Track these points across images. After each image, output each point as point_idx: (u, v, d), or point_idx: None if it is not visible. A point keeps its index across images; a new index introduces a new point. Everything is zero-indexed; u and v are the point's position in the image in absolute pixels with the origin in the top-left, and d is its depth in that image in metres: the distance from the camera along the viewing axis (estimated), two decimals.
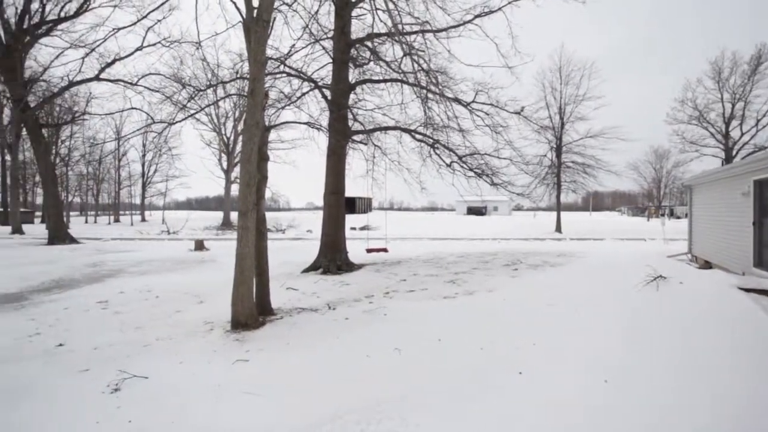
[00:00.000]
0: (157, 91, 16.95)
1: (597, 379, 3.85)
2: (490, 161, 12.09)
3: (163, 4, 10.60)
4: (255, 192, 6.12)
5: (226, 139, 36.52)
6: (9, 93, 21.24)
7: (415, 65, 10.21)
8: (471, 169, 12.04)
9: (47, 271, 11.59)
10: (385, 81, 11.90)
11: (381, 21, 11.26)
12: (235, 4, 7.67)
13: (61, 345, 5.43)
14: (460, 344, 4.96)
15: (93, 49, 18.86)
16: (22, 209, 31.34)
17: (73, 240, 20.34)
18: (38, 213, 42.22)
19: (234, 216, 33.56)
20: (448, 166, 12.11)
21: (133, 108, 17.69)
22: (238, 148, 35.27)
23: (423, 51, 10.63)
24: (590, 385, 3.77)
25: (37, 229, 28.82)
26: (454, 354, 4.67)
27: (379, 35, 11.38)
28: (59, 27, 19.82)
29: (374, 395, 3.70)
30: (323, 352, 4.90)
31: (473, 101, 11.48)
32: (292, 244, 19.71)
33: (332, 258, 11.04)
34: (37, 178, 35.59)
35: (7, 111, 29.92)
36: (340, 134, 11.27)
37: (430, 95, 10.90)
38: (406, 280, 9.44)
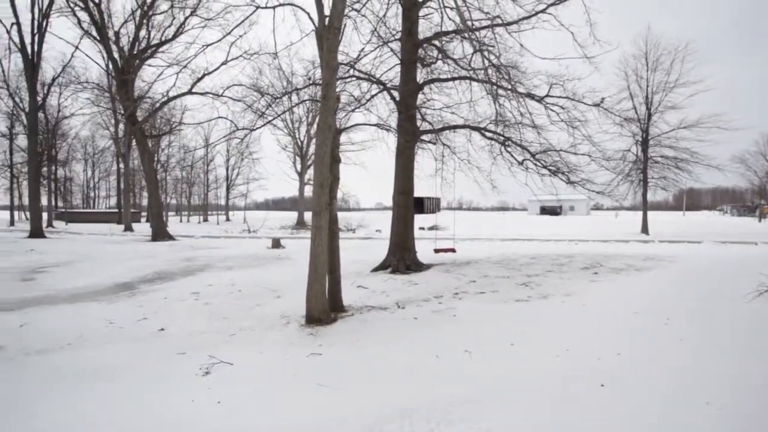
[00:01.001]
0: (240, 101, 18.38)
1: (697, 401, 3.44)
2: (567, 158, 11.38)
3: (244, 20, 11.55)
4: (328, 193, 6.38)
5: (299, 143, 38.55)
6: (123, 110, 24.42)
7: (485, 61, 9.94)
8: (545, 167, 11.43)
9: (150, 264, 13.13)
10: (453, 79, 11.73)
11: (449, 19, 11.14)
12: (308, 14, 8.08)
13: (162, 330, 6.12)
14: (534, 350, 4.75)
15: (185, 66, 21.03)
16: (131, 210, 35.87)
17: (170, 237, 22.80)
18: (143, 213, 47.95)
19: (307, 216, 35.30)
20: (520, 164, 11.61)
21: (219, 117, 19.43)
22: (311, 150, 37.06)
23: (493, 46, 10.32)
24: (688, 409, 3.37)
25: (143, 227, 32.77)
26: (527, 360, 4.48)
27: (446, 33, 11.25)
28: (160, 49, 22.37)
29: (444, 396, 3.68)
30: (393, 349, 4.98)
31: (547, 95, 10.88)
32: (362, 243, 20.22)
33: (401, 257, 11.14)
34: (143, 183, 40.43)
35: (120, 126, 34.39)
36: (409, 134, 11.34)
37: (500, 91, 10.55)
38: (475, 281, 9.24)
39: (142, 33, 21.98)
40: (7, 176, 36.71)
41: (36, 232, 22.80)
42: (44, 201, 33.27)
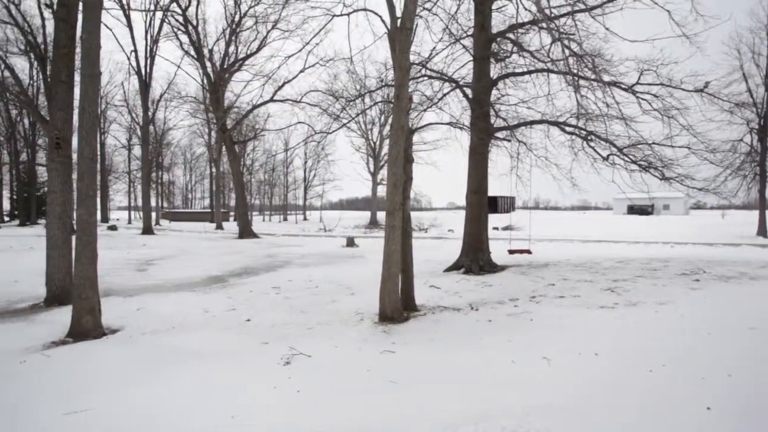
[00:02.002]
0: (316, 106, 19.36)
1: None
2: (661, 151, 10.27)
3: (320, 30, 12.30)
4: (401, 192, 6.47)
5: (372, 144, 39.45)
6: (215, 119, 27.01)
7: (565, 51, 9.34)
8: (634, 162, 10.42)
9: (238, 260, 14.34)
10: (529, 72, 11.19)
11: (525, 9, 10.64)
12: (380, 17, 8.26)
13: (248, 320, 6.66)
14: (621, 362, 4.37)
15: (270, 77, 22.68)
16: (222, 210, 39.52)
17: (255, 235, 24.68)
18: (232, 213, 52.51)
19: (380, 215, 35.99)
20: (605, 159, 10.72)
21: (299, 122, 20.68)
22: (384, 151, 37.70)
23: (573, 34, 9.66)
24: None
25: (231, 226, 35.88)
26: (614, 372, 4.14)
27: (522, 25, 10.77)
28: (246, 62, 24.39)
29: (519, 403, 3.54)
30: (465, 351, 4.90)
31: (637, 83, 9.93)
32: (434, 243, 20.13)
33: (474, 258, 10.91)
34: (231, 185, 44.26)
35: (213, 133, 38.11)
36: (483, 132, 11.05)
37: (582, 82, 9.83)
38: (554, 284, 8.74)
39: (231, 49, 24.17)
40: (126, 181, 42.75)
41: (147, 230, 26.15)
42: (153, 202, 38.02)
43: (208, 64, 24.12)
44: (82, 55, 5.91)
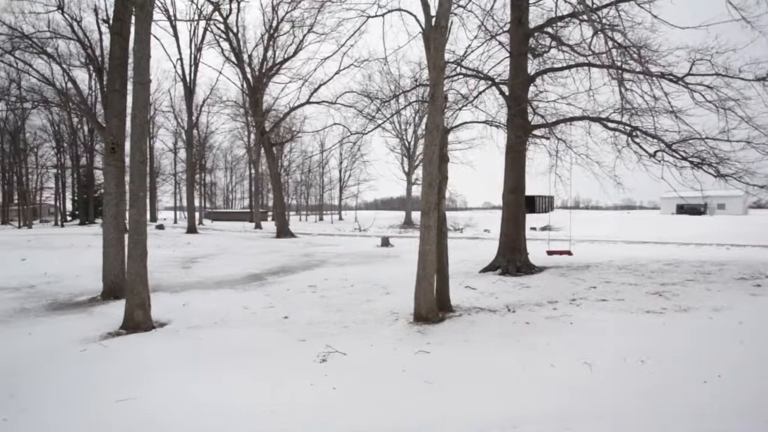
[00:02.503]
0: (351, 107, 19.57)
1: None
2: (716, 146, 9.60)
3: (355, 32, 12.38)
4: (436, 192, 6.43)
5: (407, 144, 39.39)
6: (254, 123, 27.96)
7: (609, 42, 8.93)
8: (685, 158, 9.81)
9: (276, 258, 14.75)
10: (569, 67, 10.80)
11: (565, 1, 10.29)
12: (415, 17, 8.24)
13: (286, 318, 6.84)
14: (673, 371, 4.13)
15: (306, 80, 23.16)
16: (260, 210, 40.82)
17: (292, 235, 25.29)
18: (270, 213, 54.11)
19: (414, 215, 35.90)
20: (652, 156, 10.17)
21: (334, 124, 21.00)
22: (419, 151, 37.56)
23: (617, 25, 9.22)
24: None
25: (269, 225, 36.93)
26: (664, 382, 3.92)
27: (561, 18, 10.41)
28: (283, 66, 25.05)
29: (558, 408, 3.44)
30: (502, 354, 4.81)
31: (689, 74, 9.34)
32: (470, 243, 19.84)
33: (511, 259, 10.66)
34: (269, 186, 45.61)
35: (252, 136, 39.46)
36: (520, 130, 10.77)
37: (627, 75, 9.36)
38: (595, 287, 8.39)
39: (269, 53, 24.89)
40: (172, 183, 45.11)
41: (191, 229, 27.45)
42: (196, 202, 39.85)
43: (247, 69, 24.98)
44: (134, 65, 6.29)
